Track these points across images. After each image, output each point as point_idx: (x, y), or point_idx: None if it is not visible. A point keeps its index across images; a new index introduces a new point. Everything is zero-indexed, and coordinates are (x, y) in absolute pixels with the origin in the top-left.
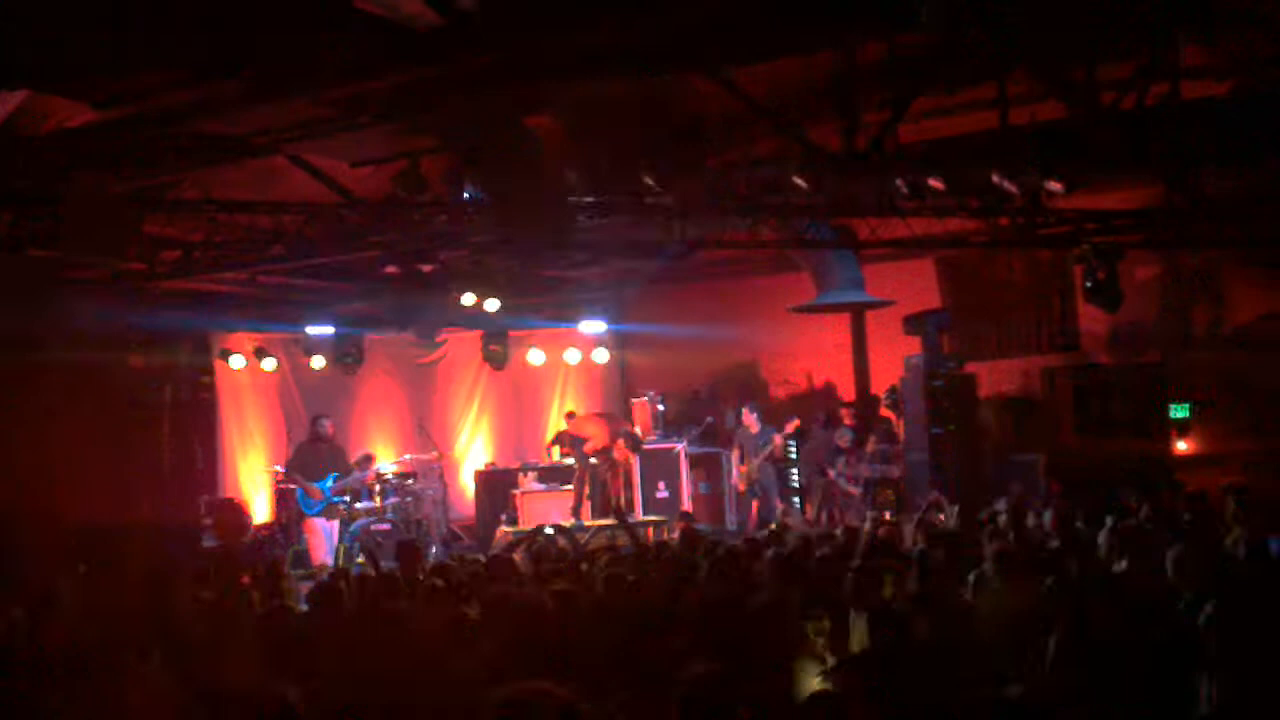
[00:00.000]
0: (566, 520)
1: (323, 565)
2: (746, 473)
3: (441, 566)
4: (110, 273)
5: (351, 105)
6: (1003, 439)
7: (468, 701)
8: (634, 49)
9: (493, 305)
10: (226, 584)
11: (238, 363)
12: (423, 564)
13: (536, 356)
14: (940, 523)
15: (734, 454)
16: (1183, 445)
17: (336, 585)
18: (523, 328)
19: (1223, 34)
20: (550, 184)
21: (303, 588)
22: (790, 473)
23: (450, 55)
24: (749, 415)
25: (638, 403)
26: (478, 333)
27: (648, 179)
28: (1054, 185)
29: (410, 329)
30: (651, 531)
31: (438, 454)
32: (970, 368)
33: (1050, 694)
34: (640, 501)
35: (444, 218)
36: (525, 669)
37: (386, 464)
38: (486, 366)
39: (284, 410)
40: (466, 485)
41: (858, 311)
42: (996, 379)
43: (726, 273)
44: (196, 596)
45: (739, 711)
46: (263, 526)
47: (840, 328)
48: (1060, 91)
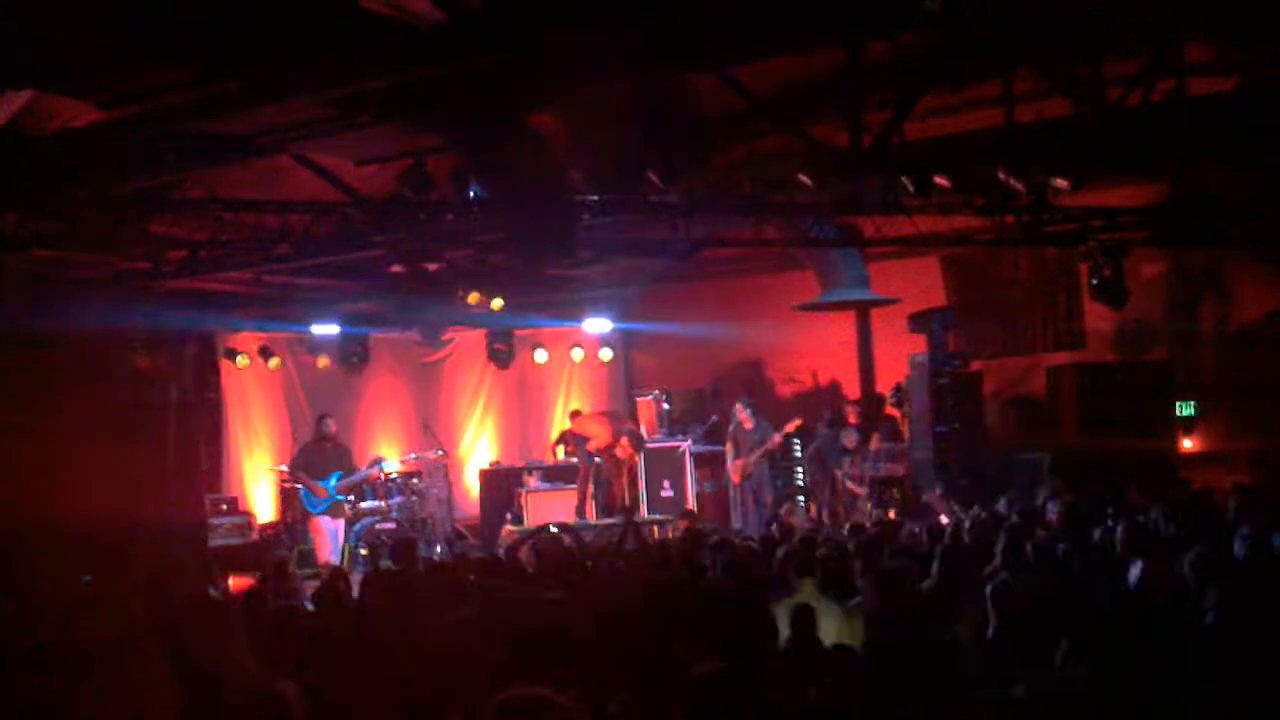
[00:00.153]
0: (571, 519)
1: (327, 564)
2: (741, 466)
3: (443, 565)
4: (113, 272)
5: (356, 104)
6: (1007, 437)
7: (468, 702)
8: (638, 47)
9: (498, 304)
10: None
11: (243, 362)
12: (422, 561)
13: (541, 355)
14: (940, 525)
15: (728, 448)
16: (1188, 443)
17: (339, 585)
18: (527, 326)
19: (1227, 31)
20: (555, 183)
21: (308, 587)
22: (795, 470)
23: (456, 54)
24: (742, 411)
25: (642, 401)
26: (483, 332)
27: (652, 177)
28: (1060, 182)
29: (415, 328)
30: (656, 530)
31: (443, 453)
32: (975, 366)
33: (1059, 694)
34: (645, 500)
35: (449, 217)
36: (528, 668)
37: (392, 463)
38: (491, 365)
39: (289, 410)
40: (471, 484)
41: (863, 309)
42: (1002, 377)
43: (731, 271)
44: (199, 595)
45: (746, 710)
46: (268, 526)
47: (845, 326)
48: (1066, 88)
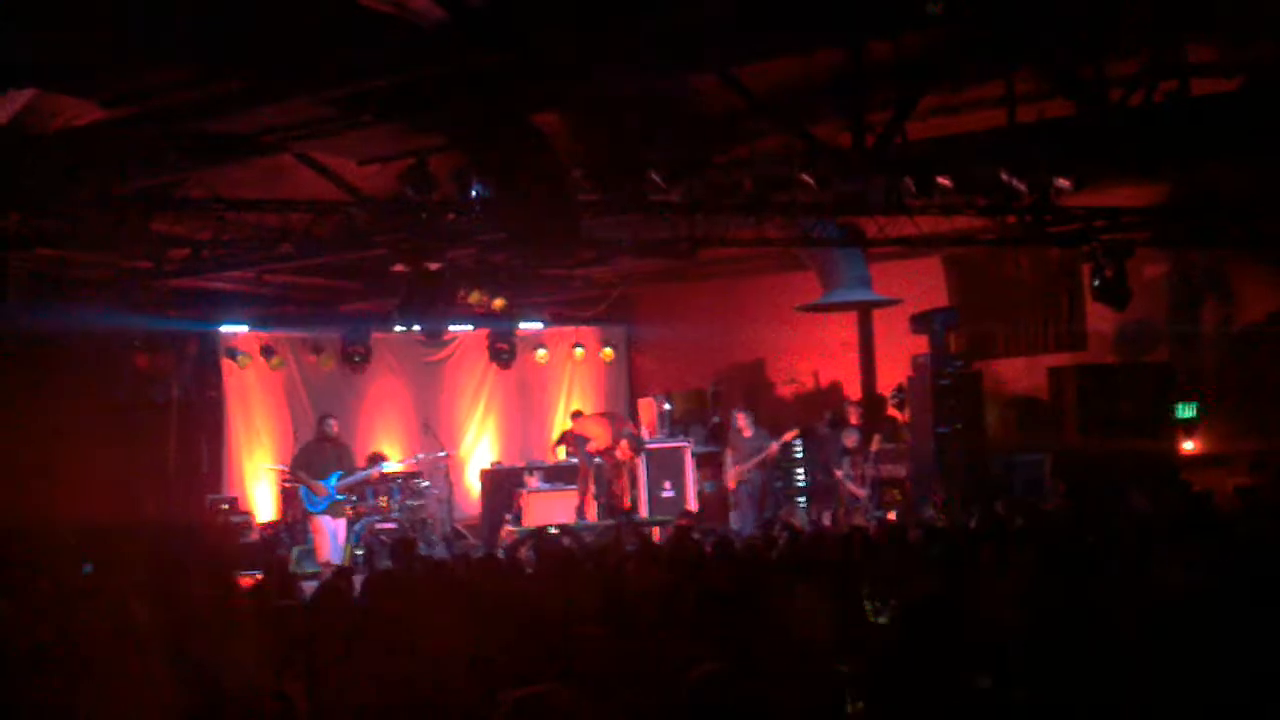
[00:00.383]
0: (571, 519)
1: (328, 563)
2: (737, 474)
3: (443, 565)
4: (114, 271)
5: (357, 103)
6: (1008, 438)
7: (469, 702)
8: (638, 47)
9: (499, 304)
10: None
11: (244, 361)
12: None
13: (543, 355)
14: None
15: (727, 454)
16: (1189, 445)
17: (339, 585)
18: (529, 327)
19: (1229, 32)
20: (556, 182)
21: (308, 587)
22: (795, 472)
23: (457, 53)
24: (742, 419)
25: (644, 402)
26: (484, 332)
27: (654, 177)
28: (1062, 183)
29: (417, 328)
30: (657, 531)
31: (445, 454)
32: (977, 366)
33: (1064, 694)
34: (646, 501)
35: (451, 216)
36: (528, 669)
37: (393, 463)
38: (493, 365)
39: (291, 409)
40: (472, 484)
41: (865, 310)
42: (1003, 378)
43: (733, 271)
44: (200, 594)
45: (748, 711)
46: (269, 525)
47: (847, 326)
48: (1068, 89)
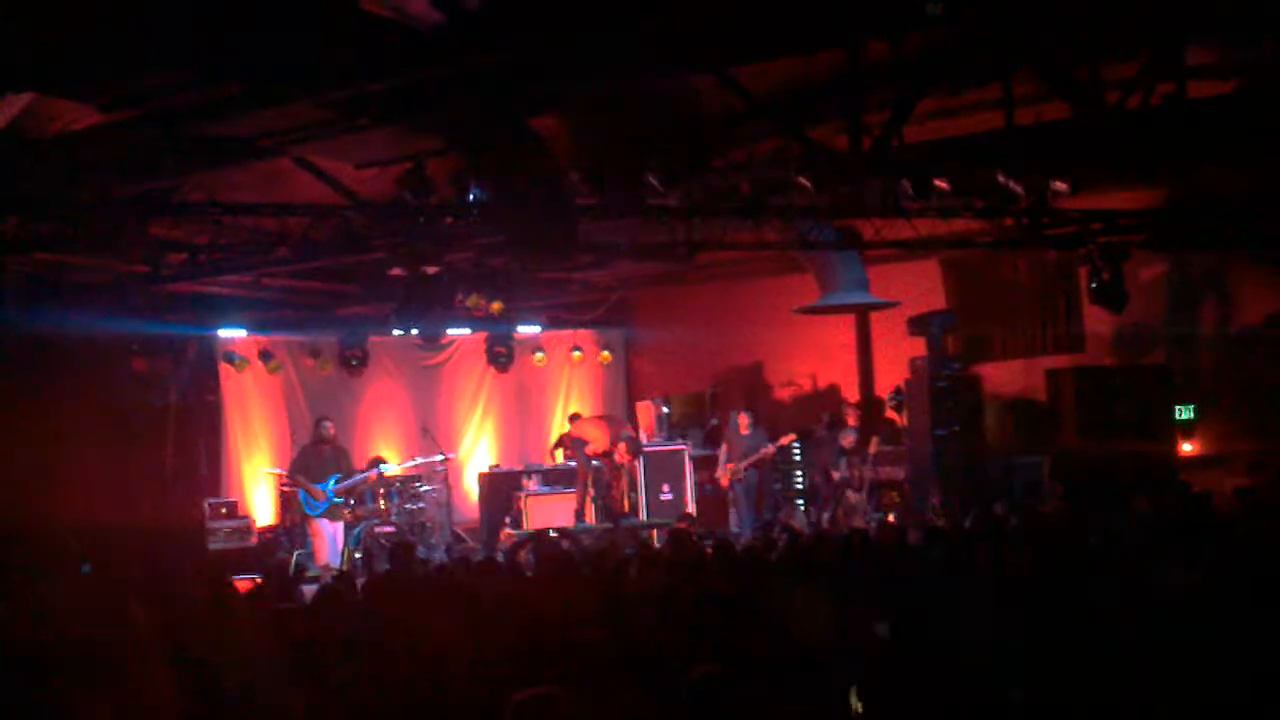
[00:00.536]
0: (570, 522)
1: (327, 567)
2: (731, 470)
3: (442, 568)
4: (112, 275)
5: (355, 107)
6: (1006, 440)
7: (469, 704)
8: (638, 48)
9: (498, 307)
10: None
11: (242, 365)
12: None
13: (541, 359)
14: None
15: (722, 450)
16: (1188, 446)
17: (339, 588)
18: (527, 330)
19: (1229, 33)
20: (554, 186)
21: (307, 591)
22: (794, 474)
23: (455, 56)
24: (744, 418)
25: (642, 405)
26: (482, 335)
27: (652, 180)
28: (1059, 185)
29: (415, 331)
30: (655, 534)
31: (445, 458)
32: (975, 369)
33: (1063, 695)
34: (644, 504)
35: (449, 220)
36: (528, 672)
37: (392, 467)
38: (491, 369)
39: (289, 413)
40: (470, 488)
41: (862, 313)
42: (1001, 380)
43: (730, 274)
44: (201, 598)
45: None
46: (267, 529)
47: (845, 329)
48: (1065, 91)
